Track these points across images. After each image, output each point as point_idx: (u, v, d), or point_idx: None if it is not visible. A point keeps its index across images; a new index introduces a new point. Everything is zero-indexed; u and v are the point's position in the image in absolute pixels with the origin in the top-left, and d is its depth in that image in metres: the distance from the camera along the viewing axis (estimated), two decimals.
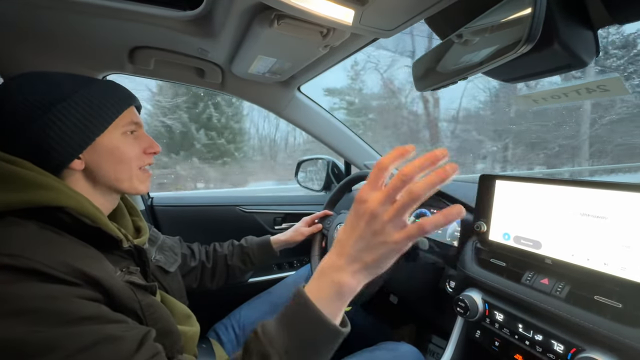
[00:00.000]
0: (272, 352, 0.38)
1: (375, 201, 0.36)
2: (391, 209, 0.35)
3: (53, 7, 0.63)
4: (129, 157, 0.52)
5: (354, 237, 0.38)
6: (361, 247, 0.37)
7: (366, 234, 0.37)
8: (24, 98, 0.44)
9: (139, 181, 0.55)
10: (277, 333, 0.39)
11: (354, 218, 0.38)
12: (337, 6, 0.54)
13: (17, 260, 0.34)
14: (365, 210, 0.36)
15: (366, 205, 0.37)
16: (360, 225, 0.37)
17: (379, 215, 0.36)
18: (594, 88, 0.60)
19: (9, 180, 0.41)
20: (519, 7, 0.44)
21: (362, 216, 0.37)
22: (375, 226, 0.36)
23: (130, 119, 0.53)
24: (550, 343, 0.55)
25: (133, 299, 0.44)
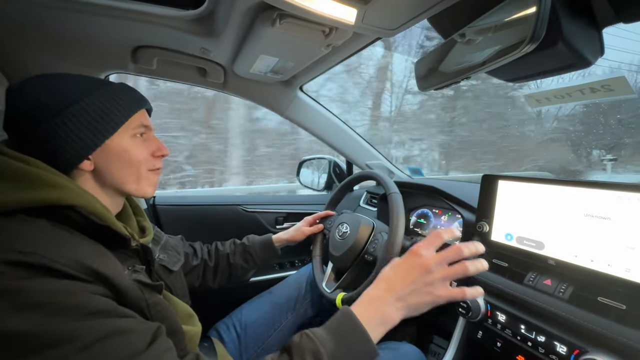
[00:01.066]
0: (324, 351, 0.44)
1: (432, 259, 0.49)
2: (445, 271, 0.49)
3: (56, 6, 0.63)
4: (137, 160, 0.53)
5: (406, 282, 0.49)
6: (410, 292, 0.48)
7: (418, 283, 0.48)
8: (39, 99, 0.45)
9: (146, 183, 0.56)
10: (327, 339, 0.46)
11: (408, 266, 0.50)
12: (339, 5, 0.54)
13: (31, 257, 0.35)
14: (422, 264, 0.49)
15: (423, 259, 0.49)
16: (414, 273, 0.49)
17: (433, 272, 0.48)
18: (598, 88, 0.60)
19: (21, 179, 0.41)
20: (523, 6, 0.44)
21: (417, 267, 0.49)
22: (427, 279, 0.48)
23: (140, 121, 0.54)
24: (553, 344, 0.55)
25: (140, 297, 0.44)
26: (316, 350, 0.43)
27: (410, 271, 0.49)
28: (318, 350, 0.44)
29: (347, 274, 0.83)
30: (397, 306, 0.49)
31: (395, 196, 0.76)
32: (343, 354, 0.45)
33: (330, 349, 0.44)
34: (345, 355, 0.45)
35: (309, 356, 0.43)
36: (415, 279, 0.48)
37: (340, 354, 0.44)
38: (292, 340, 0.46)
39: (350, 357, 0.46)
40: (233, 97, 1.00)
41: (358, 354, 0.46)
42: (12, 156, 0.43)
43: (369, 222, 0.85)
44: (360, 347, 0.46)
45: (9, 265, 0.34)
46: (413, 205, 1.12)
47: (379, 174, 0.86)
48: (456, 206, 0.92)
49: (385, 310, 0.49)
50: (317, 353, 0.43)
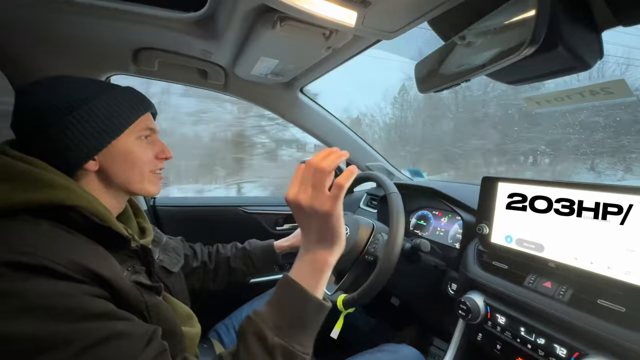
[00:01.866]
0: (265, 328, 0.42)
1: (292, 192, 0.46)
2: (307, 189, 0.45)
3: (58, 8, 0.63)
4: (141, 161, 0.54)
5: (302, 227, 0.48)
6: (310, 229, 0.47)
7: (304, 219, 0.46)
8: (48, 101, 0.47)
9: (150, 183, 0.57)
10: (268, 313, 0.44)
11: (295, 215, 0.47)
12: (340, 8, 0.54)
13: (30, 258, 0.35)
14: (294, 206, 0.46)
15: (290, 201, 0.46)
16: (298, 217, 0.47)
17: (301, 202, 0.45)
18: (597, 90, 0.60)
19: (24, 180, 0.42)
20: (523, 9, 0.44)
21: (295, 210, 0.46)
22: (305, 211, 0.45)
23: (145, 124, 0.55)
24: (553, 347, 0.55)
25: (139, 299, 0.44)
26: (258, 330, 0.42)
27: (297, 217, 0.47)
28: (259, 329, 0.42)
29: (347, 275, 0.83)
30: (319, 246, 0.46)
31: (394, 196, 0.76)
32: (288, 319, 0.43)
33: (273, 321, 0.43)
34: (292, 320, 0.44)
35: (252, 338, 0.42)
36: (301, 220, 0.47)
37: (285, 323, 0.43)
38: (240, 326, 0.45)
39: (297, 318, 0.44)
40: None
41: (304, 312, 0.44)
42: (14, 157, 0.44)
43: (369, 223, 0.85)
44: (303, 305, 0.44)
45: (9, 266, 0.34)
46: (413, 207, 1.12)
47: (379, 176, 0.87)
48: (456, 208, 0.92)
49: (312, 256, 0.47)
50: (259, 333, 0.42)
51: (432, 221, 1.06)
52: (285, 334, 0.42)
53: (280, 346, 0.41)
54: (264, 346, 0.41)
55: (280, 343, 0.41)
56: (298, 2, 0.53)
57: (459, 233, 0.92)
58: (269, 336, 0.41)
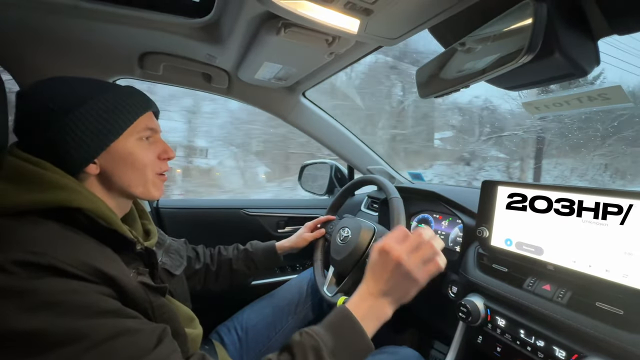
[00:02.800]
0: (324, 347, 0.45)
1: (400, 251, 0.51)
2: (415, 257, 0.51)
3: (66, 13, 0.65)
4: (143, 163, 0.53)
5: (385, 278, 0.51)
6: (392, 286, 0.51)
7: (396, 276, 0.51)
8: (45, 102, 0.46)
9: (153, 187, 0.56)
10: (327, 336, 0.47)
11: (383, 264, 0.52)
12: (343, 16, 0.55)
13: (42, 258, 0.36)
14: (393, 259, 0.51)
15: (392, 254, 0.51)
16: (389, 269, 0.51)
17: (406, 261, 0.50)
18: (595, 96, 0.61)
19: (32, 181, 0.42)
20: (521, 17, 0.46)
21: (389, 263, 0.51)
22: (403, 270, 0.50)
23: (146, 124, 0.54)
24: (552, 349, 0.56)
25: (145, 299, 0.45)
26: (317, 347, 0.45)
27: (385, 268, 0.52)
28: (319, 346, 0.45)
29: (348, 277, 0.84)
30: (387, 301, 0.52)
31: (396, 200, 0.77)
32: (341, 349, 0.47)
33: (330, 345, 0.46)
34: (344, 351, 0.47)
35: (311, 352, 0.45)
36: (392, 274, 0.51)
37: (338, 350, 0.46)
38: (293, 339, 0.47)
39: (348, 353, 0.47)
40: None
41: (355, 349, 0.48)
42: (22, 158, 0.44)
43: (370, 227, 0.86)
44: (358, 343, 0.48)
45: (21, 265, 0.35)
46: (414, 210, 1.13)
47: (380, 179, 0.88)
48: (456, 211, 0.92)
49: (376, 305, 0.51)
50: (317, 349, 0.45)
51: (432, 224, 1.06)
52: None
53: None
54: None
55: None
56: (302, 9, 0.54)
57: (460, 236, 0.93)
58: (325, 357, 0.45)
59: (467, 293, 0.74)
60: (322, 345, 0.45)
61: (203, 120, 4.47)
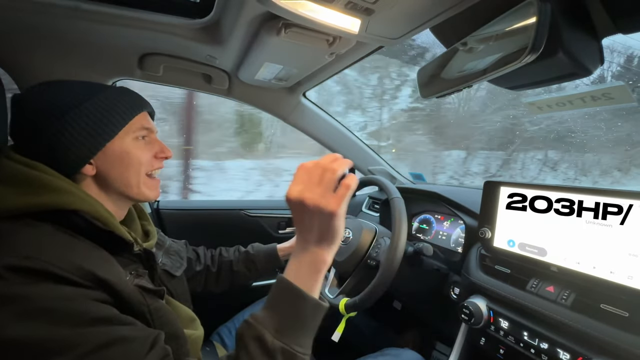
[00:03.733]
0: (265, 332, 0.41)
1: (303, 190, 0.44)
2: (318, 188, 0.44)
3: (67, 15, 0.65)
4: (139, 162, 0.53)
5: (301, 227, 0.46)
6: (314, 230, 0.45)
7: (310, 218, 0.44)
8: (42, 105, 0.46)
9: (146, 188, 0.56)
10: (266, 316, 0.43)
11: (294, 212, 0.46)
12: (344, 16, 0.55)
13: (34, 263, 0.35)
14: (298, 202, 0.44)
15: (295, 198, 0.44)
16: (298, 216, 0.45)
17: (309, 200, 0.43)
18: (599, 96, 0.60)
19: (28, 184, 0.42)
20: (524, 16, 0.45)
21: (297, 207, 0.44)
22: (311, 208, 0.43)
23: (141, 124, 0.54)
24: (556, 351, 0.55)
25: (142, 302, 0.44)
26: (258, 335, 0.42)
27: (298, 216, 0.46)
28: (259, 333, 0.41)
29: (350, 279, 0.83)
30: (319, 248, 0.46)
31: (397, 201, 0.77)
32: (288, 322, 0.43)
33: (271, 325, 0.42)
34: (291, 322, 0.43)
35: (252, 343, 0.41)
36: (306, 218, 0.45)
37: (284, 325, 0.43)
38: (237, 331, 0.44)
39: (295, 320, 0.44)
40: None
41: (302, 314, 0.44)
42: (19, 161, 0.44)
43: (371, 227, 0.86)
44: (301, 306, 0.44)
45: (13, 270, 0.34)
46: (415, 210, 1.12)
47: (381, 179, 0.87)
48: (458, 212, 0.92)
49: (309, 255, 0.46)
50: (259, 337, 0.41)
51: (434, 225, 1.06)
52: (285, 337, 0.42)
53: (281, 349, 0.41)
54: (265, 349, 0.41)
55: (280, 346, 0.41)
56: (303, 9, 0.54)
57: (462, 237, 0.93)
58: (269, 339, 0.41)
59: (469, 295, 0.73)
60: (263, 330, 0.42)
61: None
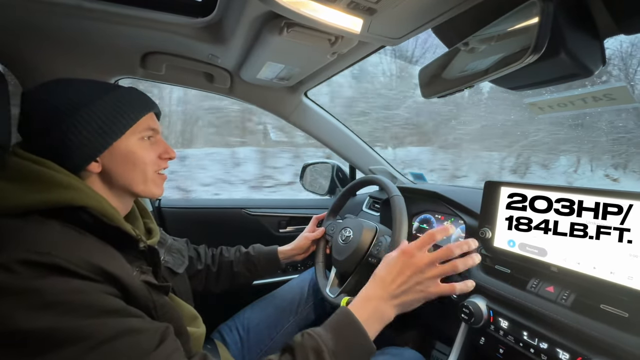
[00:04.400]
0: (325, 349, 0.46)
1: (424, 260, 0.52)
2: (435, 270, 0.52)
3: (69, 13, 0.65)
4: (144, 162, 0.54)
5: (399, 281, 0.52)
6: (403, 290, 0.52)
7: (410, 282, 0.52)
8: (51, 103, 0.47)
9: (154, 184, 0.57)
10: (327, 337, 0.48)
11: (401, 265, 0.53)
12: (346, 15, 0.55)
13: (44, 257, 0.36)
14: (414, 264, 0.52)
15: (415, 259, 0.52)
16: (406, 273, 0.52)
17: (424, 272, 0.51)
18: (600, 97, 0.60)
19: (35, 181, 0.43)
20: (526, 16, 0.45)
21: (409, 267, 0.52)
22: (418, 278, 0.51)
23: (147, 125, 0.55)
24: (556, 351, 0.55)
25: (148, 298, 0.45)
26: (318, 348, 0.45)
27: (403, 271, 0.52)
28: (320, 347, 0.45)
29: (350, 278, 0.83)
30: (392, 304, 0.52)
31: (397, 199, 0.77)
32: (343, 351, 0.47)
33: (330, 346, 0.46)
34: (345, 352, 0.47)
35: (312, 353, 0.45)
36: (407, 279, 0.52)
37: (340, 351, 0.47)
38: (294, 339, 0.48)
39: (349, 354, 0.48)
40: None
41: (356, 351, 0.49)
42: (26, 158, 0.45)
43: (372, 226, 0.86)
44: (359, 344, 0.49)
45: (25, 265, 0.35)
46: (416, 210, 1.12)
47: (381, 179, 0.87)
48: (459, 212, 0.92)
49: (381, 308, 0.52)
50: (319, 350, 0.45)
51: (434, 225, 1.06)
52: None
53: None
54: None
55: None
56: (305, 9, 0.54)
57: (462, 237, 0.93)
58: (326, 358, 0.45)
59: (469, 294, 0.73)
60: (323, 347, 0.45)
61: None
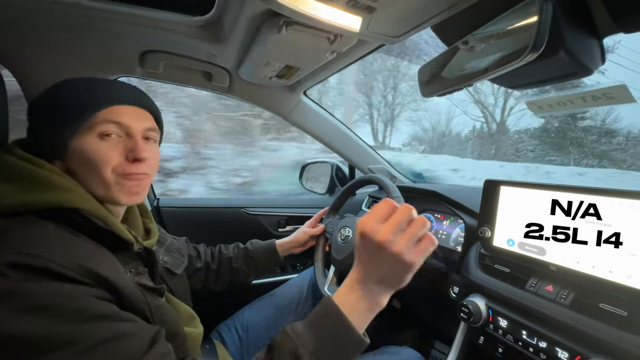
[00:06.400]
0: (303, 351, 0.41)
1: (386, 232, 0.42)
2: (404, 236, 0.42)
3: (67, 11, 0.64)
4: (101, 163, 0.47)
5: (372, 265, 0.44)
6: (383, 272, 0.44)
7: (384, 262, 0.43)
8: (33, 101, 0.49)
9: (118, 190, 0.49)
10: (308, 335, 0.43)
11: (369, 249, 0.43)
12: (345, 13, 0.55)
13: (36, 260, 0.35)
14: (377, 242, 0.42)
15: (376, 237, 0.42)
16: (375, 254, 0.43)
17: (391, 245, 0.41)
18: (599, 95, 0.60)
19: (29, 181, 0.42)
20: (525, 15, 0.45)
21: (374, 247, 0.42)
22: (390, 253, 0.42)
23: (110, 120, 0.47)
24: (555, 350, 0.55)
25: (142, 300, 0.45)
26: (295, 351, 0.41)
27: (371, 254, 0.44)
28: (297, 350, 0.41)
29: None
30: (379, 289, 0.45)
31: (397, 200, 0.77)
32: (325, 348, 0.42)
33: (311, 347, 0.42)
34: (328, 349, 0.43)
35: (289, 357, 0.41)
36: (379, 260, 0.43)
37: (322, 349, 0.42)
38: (274, 339, 0.44)
39: (333, 351, 0.43)
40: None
41: (344, 346, 0.43)
42: (21, 157, 0.44)
43: None
44: (344, 339, 0.43)
45: (14, 267, 0.34)
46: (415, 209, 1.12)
47: (381, 178, 0.87)
48: (458, 211, 0.92)
49: (367, 295, 0.45)
50: (296, 354, 0.41)
51: (434, 224, 1.06)
52: None
53: None
54: None
55: None
56: (304, 7, 0.54)
57: (461, 236, 0.93)
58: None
59: (468, 293, 0.73)
60: (301, 349, 0.41)
61: None
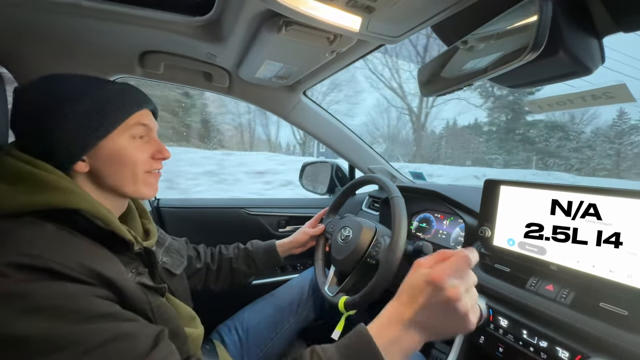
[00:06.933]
0: None
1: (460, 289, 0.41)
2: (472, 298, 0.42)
3: (67, 12, 0.65)
4: (134, 161, 0.52)
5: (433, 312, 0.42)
6: (440, 323, 0.42)
7: (449, 316, 0.41)
8: (37, 100, 0.46)
9: (144, 185, 0.54)
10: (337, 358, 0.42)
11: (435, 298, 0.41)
12: (344, 13, 0.55)
13: (37, 260, 0.35)
14: (447, 296, 0.40)
15: (448, 292, 0.40)
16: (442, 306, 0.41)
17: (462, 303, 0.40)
18: (599, 95, 0.60)
19: (29, 182, 0.42)
20: (525, 15, 0.45)
21: (445, 300, 0.40)
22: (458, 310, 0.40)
23: (140, 122, 0.53)
24: (555, 350, 0.55)
25: (144, 300, 0.45)
26: None
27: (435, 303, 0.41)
28: None
29: (349, 277, 0.83)
30: (419, 333, 0.42)
31: (397, 200, 0.77)
32: None
33: None
34: None
35: None
36: (445, 312, 0.41)
37: None
38: (302, 353, 0.43)
39: None
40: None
41: None
42: (21, 159, 0.44)
43: (371, 226, 0.86)
44: None
45: (16, 268, 0.34)
46: (415, 209, 1.12)
47: (381, 178, 0.87)
48: (458, 211, 0.92)
49: (405, 336, 0.42)
50: None
51: (434, 224, 1.06)
52: None
53: None
54: None
55: None
56: (303, 7, 0.54)
57: (461, 236, 0.93)
58: None
59: None
60: None
61: None
